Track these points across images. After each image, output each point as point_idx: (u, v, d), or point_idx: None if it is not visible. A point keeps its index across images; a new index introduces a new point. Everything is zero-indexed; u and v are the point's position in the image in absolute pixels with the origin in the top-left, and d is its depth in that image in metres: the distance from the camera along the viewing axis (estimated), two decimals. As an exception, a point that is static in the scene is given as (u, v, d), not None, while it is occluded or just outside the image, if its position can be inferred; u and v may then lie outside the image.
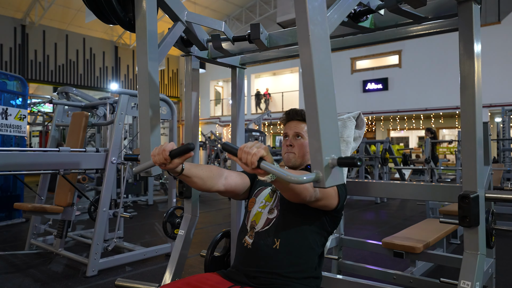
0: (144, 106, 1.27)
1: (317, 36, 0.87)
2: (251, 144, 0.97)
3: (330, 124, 0.88)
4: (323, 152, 0.86)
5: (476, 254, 1.23)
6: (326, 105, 0.88)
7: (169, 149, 1.12)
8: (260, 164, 0.93)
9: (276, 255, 1.32)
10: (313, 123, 0.87)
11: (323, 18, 0.89)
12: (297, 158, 1.50)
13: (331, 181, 0.87)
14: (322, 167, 0.86)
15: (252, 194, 1.53)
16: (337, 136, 0.91)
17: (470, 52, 1.24)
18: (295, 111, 1.54)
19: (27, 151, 2.94)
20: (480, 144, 1.25)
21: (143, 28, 1.24)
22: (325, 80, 0.88)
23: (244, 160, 0.95)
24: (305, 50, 0.87)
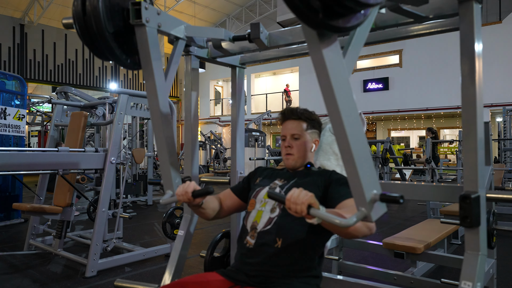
0: (161, 141, 1.39)
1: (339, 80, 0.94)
2: (297, 193, 1.02)
3: (366, 163, 0.97)
4: (365, 190, 0.95)
5: (477, 255, 1.22)
6: (359, 147, 0.96)
7: (191, 190, 1.28)
8: (309, 211, 1.00)
9: (278, 254, 1.31)
10: (350, 165, 0.96)
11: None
12: (297, 160, 1.49)
13: (375, 214, 0.97)
14: (366, 204, 0.95)
15: (251, 196, 1.52)
16: (373, 172, 0.99)
17: (471, 51, 1.23)
18: (291, 110, 1.53)
19: (26, 151, 2.93)
20: (481, 144, 1.24)
21: (150, 73, 1.31)
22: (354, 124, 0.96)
23: (294, 210, 1.02)
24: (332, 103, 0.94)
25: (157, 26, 1.31)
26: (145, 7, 1.25)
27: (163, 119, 1.36)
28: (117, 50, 1.27)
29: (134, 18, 1.25)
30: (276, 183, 1.49)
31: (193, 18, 17.43)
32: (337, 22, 0.81)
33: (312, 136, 1.54)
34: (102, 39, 1.21)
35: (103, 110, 3.77)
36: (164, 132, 1.38)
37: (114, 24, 1.24)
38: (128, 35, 1.31)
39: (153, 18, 1.28)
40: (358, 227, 1.13)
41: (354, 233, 1.14)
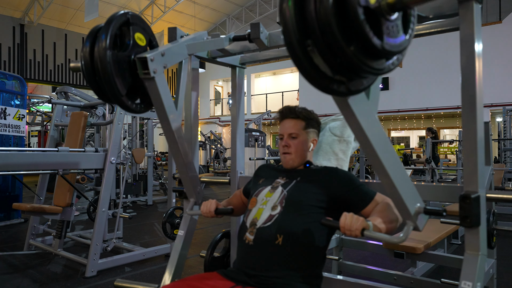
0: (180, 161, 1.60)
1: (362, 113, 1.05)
2: (349, 220, 1.13)
3: (404, 183, 1.11)
4: (409, 206, 1.11)
5: (477, 255, 1.22)
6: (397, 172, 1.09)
7: (214, 209, 1.49)
8: (363, 234, 1.12)
9: (278, 251, 1.30)
10: (393, 190, 1.10)
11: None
12: (294, 159, 1.49)
13: (421, 223, 1.14)
14: (411, 217, 1.12)
15: (253, 194, 1.52)
16: (413, 187, 1.14)
17: (471, 51, 1.22)
18: (289, 109, 1.53)
19: (26, 151, 2.93)
20: (481, 144, 1.24)
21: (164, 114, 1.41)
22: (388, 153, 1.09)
23: (349, 234, 1.14)
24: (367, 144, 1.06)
25: (163, 67, 1.32)
26: (150, 59, 1.26)
27: (180, 142, 1.54)
28: (125, 100, 1.33)
29: (142, 71, 1.27)
30: (278, 181, 1.48)
31: (193, 18, 17.43)
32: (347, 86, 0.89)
33: (310, 135, 1.53)
34: (111, 92, 1.28)
35: (103, 110, 3.77)
36: (182, 153, 1.56)
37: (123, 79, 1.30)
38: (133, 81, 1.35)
39: (159, 66, 1.30)
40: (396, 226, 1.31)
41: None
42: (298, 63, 0.81)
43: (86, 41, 1.29)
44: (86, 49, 1.27)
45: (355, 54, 0.77)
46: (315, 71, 0.81)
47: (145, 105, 1.47)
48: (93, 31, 1.31)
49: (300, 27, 0.78)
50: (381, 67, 0.84)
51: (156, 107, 1.39)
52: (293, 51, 0.80)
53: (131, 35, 1.35)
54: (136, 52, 1.35)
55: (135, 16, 1.39)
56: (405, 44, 0.88)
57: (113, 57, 1.25)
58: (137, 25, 1.39)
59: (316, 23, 0.75)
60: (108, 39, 1.24)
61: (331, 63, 0.79)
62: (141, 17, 1.44)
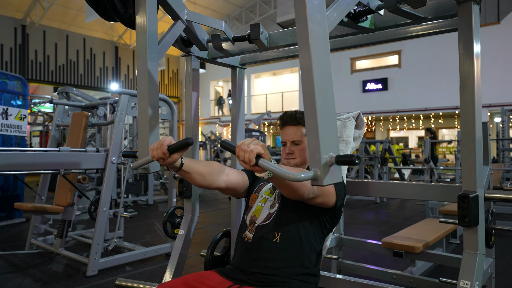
0: (143, 104, 1.25)
1: (316, 34, 0.87)
2: (249, 141, 0.97)
3: (328, 123, 0.89)
4: (322, 150, 0.86)
5: (475, 254, 1.23)
6: (325, 103, 0.88)
7: (167, 143, 1.10)
8: (258, 162, 0.93)
9: (276, 249, 1.32)
10: (311, 122, 0.88)
11: (323, 16, 0.89)
12: (299, 165, 1.50)
13: (329, 179, 0.87)
14: (320, 165, 0.86)
15: (254, 189, 1.53)
16: (335, 134, 0.90)
17: (470, 52, 1.24)
18: (290, 116, 1.53)
19: (27, 151, 2.94)
20: (479, 144, 1.25)
21: (143, 26, 1.23)
22: (324, 79, 0.88)
23: (242, 157, 0.96)
24: (304, 48, 0.87)
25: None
26: None
27: (149, 75, 1.24)
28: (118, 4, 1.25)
29: None
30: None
31: (193, 19, 17.41)
32: None
33: None
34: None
35: (104, 110, 3.78)
36: (148, 90, 1.24)
37: None
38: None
39: None
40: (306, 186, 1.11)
41: (299, 192, 1.12)
42: None
43: None
44: None
45: None
46: None
47: None
48: None
49: None
50: None
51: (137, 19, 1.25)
52: None
53: None
54: None
55: None
56: None
57: None
58: None
59: None
60: None
61: None
62: None
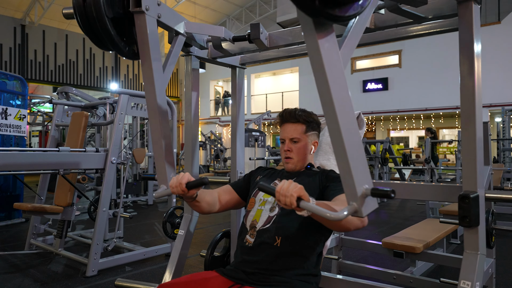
0: (157, 136, 1.35)
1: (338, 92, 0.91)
2: (286, 185, 1.01)
3: (358, 157, 0.94)
4: (357, 185, 0.92)
5: (476, 254, 1.23)
6: (352, 140, 0.93)
7: (185, 181, 1.22)
8: (299, 204, 0.98)
9: (277, 253, 1.32)
10: (342, 159, 0.94)
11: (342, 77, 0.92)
12: (296, 163, 1.50)
13: (366, 209, 0.94)
14: (357, 198, 0.92)
15: (251, 194, 1.53)
16: (366, 166, 0.96)
17: (470, 52, 1.23)
18: (289, 113, 1.52)
19: (27, 151, 2.94)
20: (480, 144, 1.24)
21: (147, 58, 1.28)
22: (348, 117, 0.93)
23: (283, 202, 1.00)
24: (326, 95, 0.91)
25: (157, 16, 1.30)
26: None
27: (160, 111, 1.33)
28: (116, 38, 1.25)
29: (134, 6, 1.24)
30: (276, 182, 1.50)
31: (193, 19, 17.42)
32: (333, 11, 0.80)
33: (311, 138, 1.54)
34: (102, 27, 1.21)
35: (103, 110, 3.78)
36: (160, 125, 1.34)
37: (114, 11, 1.23)
38: (128, 23, 1.30)
39: (153, 7, 1.27)
40: (350, 220, 1.12)
41: (346, 226, 1.14)
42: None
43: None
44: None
45: None
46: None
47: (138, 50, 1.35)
48: None
49: None
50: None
51: (140, 47, 1.29)
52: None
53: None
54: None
55: None
56: None
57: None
58: None
59: None
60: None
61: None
62: None
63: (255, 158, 7.04)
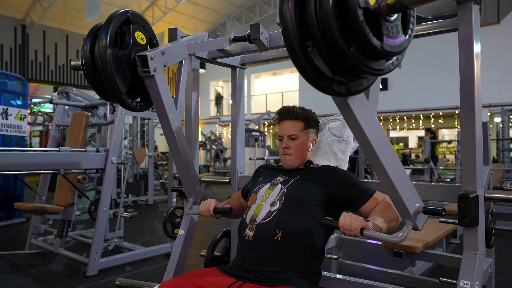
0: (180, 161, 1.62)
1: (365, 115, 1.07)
2: (348, 219, 1.14)
3: (402, 179, 1.12)
4: (408, 206, 1.13)
5: (475, 254, 1.23)
6: (396, 172, 1.10)
7: (212, 208, 1.50)
8: (363, 233, 1.13)
9: (277, 247, 1.32)
10: (392, 190, 1.11)
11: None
12: (294, 160, 1.51)
13: (420, 223, 1.16)
14: (411, 217, 1.15)
15: (252, 191, 1.53)
16: (412, 187, 1.15)
17: (470, 52, 1.24)
18: (288, 110, 1.53)
19: (27, 151, 2.94)
20: (479, 144, 1.25)
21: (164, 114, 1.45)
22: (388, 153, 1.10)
23: (348, 234, 1.15)
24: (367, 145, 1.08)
25: (163, 66, 1.34)
26: (151, 57, 1.27)
27: (180, 143, 1.56)
28: (124, 97, 1.33)
29: (142, 69, 1.29)
30: (278, 179, 1.50)
31: (193, 19, 17.43)
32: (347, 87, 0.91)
33: (310, 136, 1.54)
34: (108, 84, 1.27)
35: (104, 110, 3.78)
36: (181, 152, 1.57)
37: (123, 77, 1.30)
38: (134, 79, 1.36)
39: (159, 64, 1.31)
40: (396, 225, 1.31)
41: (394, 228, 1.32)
42: (299, 65, 0.82)
43: (87, 39, 1.29)
44: (87, 47, 1.27)
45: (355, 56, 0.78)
46: (316, 73, 0.83)
47: (145, 104, 1.49)
48: (94, 30, 1.32)
49: (301, 29, 0.79)
50: (381, 67, 0.86)
51: (156, 106, 1.40)
52: (293, 53, 0.81)
53: (131, 34, 1.35)
54: (136, 50, 1.35)
55: (135, 14, 1.39)
56: (405, 45, 0.89)
57: (113, 55, 1.25)
58: (137, 23, 1.39)
59: (316, 26, 0.76)
60: (108, 37, 1.24)
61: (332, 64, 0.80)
62: (141, 15, 1.44)
63: (255, 158, 7.04)
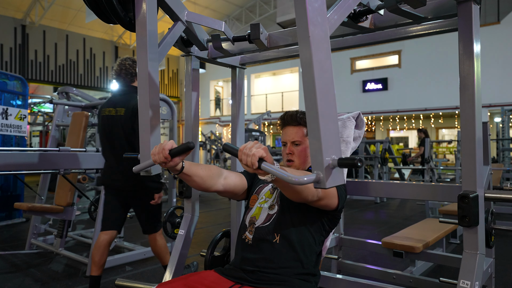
0: (144, 105, 1.28)
1: (317, 37, 0.87)
2: (251, 144, 0.98)
3: (330, 125, 0.89)
4: (324, 153, 0.87)
5: (475, 254, 1.23)
6: (326, 106, 0.88)
7: (168, 147, 1.13)
8: (260, 165, 0.94)
9: (276, 250, 1.33)
10: (313, 124, 0.88)
11: (323, 19, 0.89)
12: (298, 166, 1.51)
13: (331, 181, 0.88)
14: (322, 168, 0.87)
15: (254, 191, 1.53)
16: (337, 136, 0.91)
17: (470, 52, 1.24)
18: (291, 116, 1.53)
19: (27, 151, 2.94)
20: (479, 144, 1.25)
21: (143, 27, 1.25)
22: (325, 81, 0.88)
23: (245, 161, 0.97)
24: (305, 51, 0.87)
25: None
26: None
27: (150, 81, 1.26)
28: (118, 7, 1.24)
29: None
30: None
31: (193, 19, 17.41)
32: None
33: None
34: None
35: (104, 110, 3.77)
36: (149, 93, 1.26)
37: None
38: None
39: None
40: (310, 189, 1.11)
41: (303, 195, 1.12)
42: None
43: None
44: None
45: None
46: None
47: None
48: None
49: None
50: None
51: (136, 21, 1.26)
52: None
53: None
54: None
55: None
56: None
57: None
58: None
59: None
60: None
61: None
62: None
63: (255, 158, 7.04)
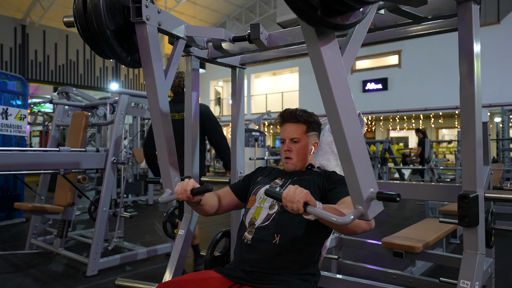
0: (161, 139, 1.41)
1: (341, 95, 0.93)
2: (293, 191, 1.02)
3: (363, 162, 0.95)
4: (362, 189, 0.94)
5: (475, 254, 1.23)
6: (357, 146, 0.94)
7: (190, 188, 1.28)
8: (306, 209, 1.00)
9: (276, 250, 1.32)
10: (347, 163, 0.94)
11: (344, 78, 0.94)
12: (296, 164, 1.51)
13: (372, 212, 0.95)
14: (363, 202, 0.94)
15: (251, 193, 1.53)
16: (371, 170, 0.97)
17: (470, 52, 1.24)
18: (290, 113, 1.53)
19: (27, 151, 2.94)
20: (479, 144, 1.25)
21: (149, 66, 1.32)
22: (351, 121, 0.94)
23: (290, 208, 1.02)
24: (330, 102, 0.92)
25: (158, 24, 1.33)
26: (145, 5, 1.26)
27: (163, 117, 1.38)
28: (117, 48, 1.27)
29: (135, 16, 1.26)
30: (277, 182, 1.50)
31: (193, 19, 17.43)
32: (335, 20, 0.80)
33: (312, 139, 1.54)
34: (102, 37, 1.21)
35: (104, 110, 3.78)
36: (164, 130, 1.39)
37: (115, 21, 1.25)
38: (128, 33, 1.32)
39: (153, 16, 1.29)
40: (356, 223, 1.13)
41: (353, 229, 1.15)
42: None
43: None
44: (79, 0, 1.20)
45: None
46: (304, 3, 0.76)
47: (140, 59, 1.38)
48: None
49: None
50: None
51: (142, 56, 1.31)
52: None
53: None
54: None
55: None
56: None
57: (107, 6, 1.20)
58: None
59: None
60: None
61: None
62: None
63: (255, 158, 7.04)
